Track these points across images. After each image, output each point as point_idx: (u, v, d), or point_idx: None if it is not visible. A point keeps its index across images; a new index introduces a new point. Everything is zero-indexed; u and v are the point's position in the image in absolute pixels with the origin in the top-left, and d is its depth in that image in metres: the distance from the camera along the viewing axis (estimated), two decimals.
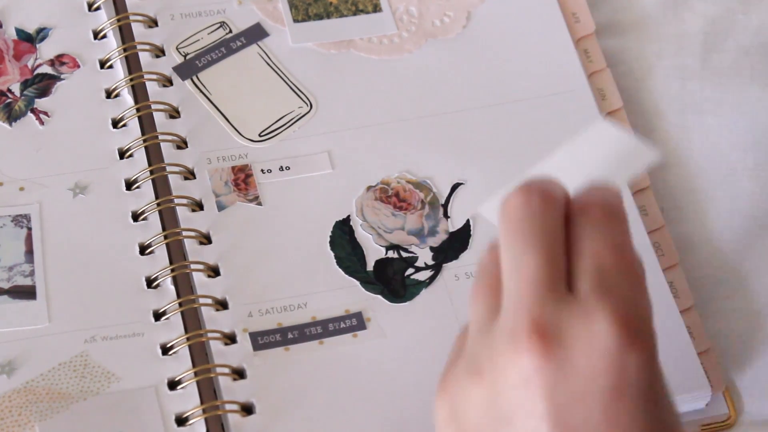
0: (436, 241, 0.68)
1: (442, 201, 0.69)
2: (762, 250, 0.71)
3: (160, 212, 0.68)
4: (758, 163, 0.73)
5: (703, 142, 0.74)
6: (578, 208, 0.52)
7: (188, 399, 0.63)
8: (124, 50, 0.73)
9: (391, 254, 0.68)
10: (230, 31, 0.75)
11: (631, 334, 0.49)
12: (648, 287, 0.52)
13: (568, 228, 0.52)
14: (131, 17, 0.74)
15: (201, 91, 0.72)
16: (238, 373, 0.63)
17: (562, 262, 0.51)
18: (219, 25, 0.75)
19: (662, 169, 0.73)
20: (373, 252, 0.67)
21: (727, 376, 0.66)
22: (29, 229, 0.67)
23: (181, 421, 0.62)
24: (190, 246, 0.67)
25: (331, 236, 0.68)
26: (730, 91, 0.76)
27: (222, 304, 0.65)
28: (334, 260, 0.67)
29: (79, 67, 0.73)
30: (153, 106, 0.71)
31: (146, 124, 0.71)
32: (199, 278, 0.66)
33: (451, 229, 0.69)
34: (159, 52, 0.74)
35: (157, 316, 0.65)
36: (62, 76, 0.73)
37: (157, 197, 0.68)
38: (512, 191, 0.52)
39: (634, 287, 0.51)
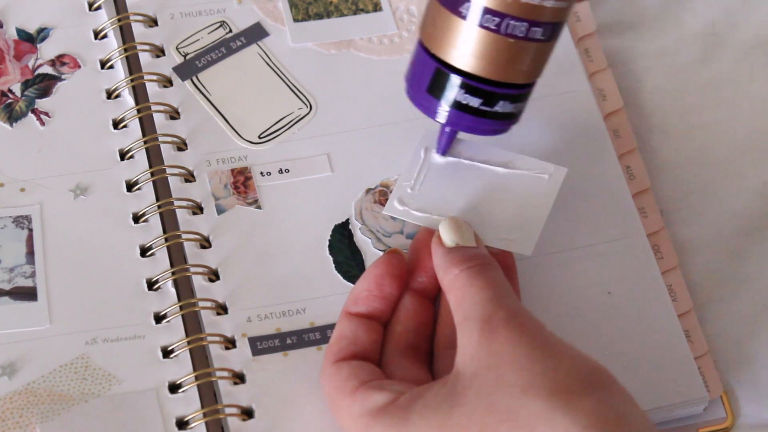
0: None
1: None
2: (760, 253, 0.71)
3: (160, 214, 0.68)
4: (758, 165, 0.73)
5: (703, 143, 0.74)
6: None
7: (189, 402, 0.63)
8: (125, 50, 0.73)
9: None
10: (230, 31, 0.74)
11: None
12: None
13: None
14: (131, 17, 0.74)
15: (201, 92, 0.72)
16: (239, 378, 0.64)
17: None
18: (219, 24, 0.75)
19: (662, 170, 0.73)
20: (372, 256, 0.67)
21: (724, 380, 0.66)
22: (30, 230, 0.67)
23: (181, 424, 0.62)
24: (190, 249, 0.67)
25: (330, 240, 0.68)
26: (730, 91, 0.76)
27: (222, 308, 0.66)
28: (333, 265, 0.67)
29: (79, 67, 0.73)
30: (153, 107, 0.71)
31: (147, 125, 0.71)
32: (198, 282, 0.66)
33: None
34: (159, 52, 0.73)
35: (158, 318, 0.65)
36: (63, 77, 0.72)
37: (157, 199, 0.68)
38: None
39: None
